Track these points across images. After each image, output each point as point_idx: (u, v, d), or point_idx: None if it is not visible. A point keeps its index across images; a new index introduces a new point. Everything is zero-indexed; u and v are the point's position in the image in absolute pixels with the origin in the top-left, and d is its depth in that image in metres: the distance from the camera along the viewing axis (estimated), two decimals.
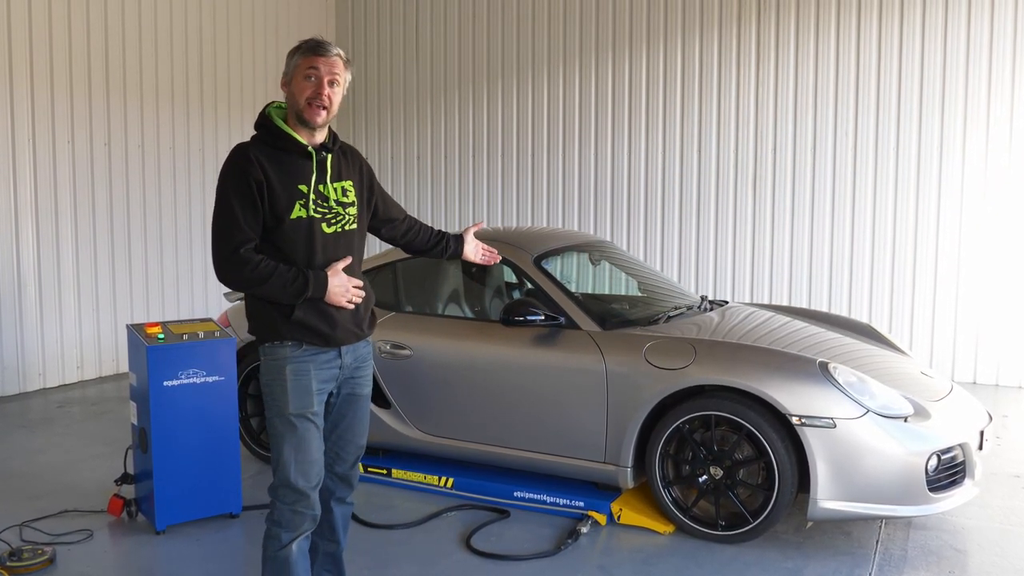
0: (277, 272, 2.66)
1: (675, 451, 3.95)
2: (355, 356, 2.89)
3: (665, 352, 3.99)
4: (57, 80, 6.96)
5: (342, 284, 2.76)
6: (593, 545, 3.89)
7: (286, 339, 2.73)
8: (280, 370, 2.74)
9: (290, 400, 2.73)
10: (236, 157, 2.71)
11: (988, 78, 6.87)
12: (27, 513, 4.25)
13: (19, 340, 6.81)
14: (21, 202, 6.77)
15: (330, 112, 2.74)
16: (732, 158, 7.87)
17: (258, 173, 2.66)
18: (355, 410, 2.95)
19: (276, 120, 2.76)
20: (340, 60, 2.75)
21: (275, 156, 2.72)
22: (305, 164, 2.75)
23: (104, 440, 5.55)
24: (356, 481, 3.04)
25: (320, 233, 2.75)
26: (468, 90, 9.16)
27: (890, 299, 7.32)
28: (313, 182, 2.75)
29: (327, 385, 2.82)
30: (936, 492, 3.70)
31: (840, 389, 3.68)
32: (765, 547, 3.82)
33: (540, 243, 4.76)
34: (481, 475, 4.53)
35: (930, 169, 7.12)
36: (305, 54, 2.72)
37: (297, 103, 2.72)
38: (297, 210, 2.71)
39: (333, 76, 2.72)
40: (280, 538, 2.76)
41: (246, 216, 2.65)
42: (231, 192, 2.67)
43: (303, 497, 2.75)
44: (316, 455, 2.78)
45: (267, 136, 2.76)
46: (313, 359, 2.76)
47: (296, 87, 2.72)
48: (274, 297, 2.70)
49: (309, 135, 2.77)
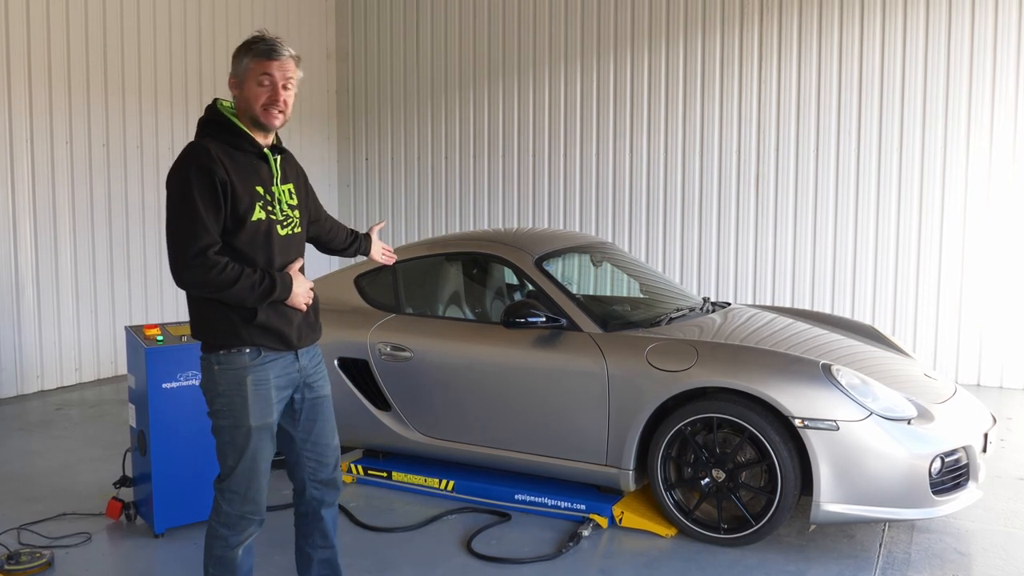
0: (244, 274, 2.61)
1: (677, 454, 3.94)
2: (310, 357, 2.88)
3: (667, 354, 3.97)
4: (55, 80, 6.94)
5: (303, 285, 2.77)
6: (594, 548, 3.87)
7: (246, 345, 2.68)
8: (240, 380, 2.68)
9: (251, 412, 2.68)
10: (197, 154, 2.61)
11: (992, 76, 6.85)
12: (25, 516, 4.23)
13: (17, 342, 6.78)
14: (19, 203, 6.75)
15: (286, 116, 2.71)
16: (734, 158, 7.85)
17: (222, 172, 2.59)
18: (322, 412, 2.91)
19: (232, 118, 2.70)
20: (292, 61, 2.70)
21: (231, 155, 2.66)
22: (261, 165, 2.72)
23: (102, 443, 5.53)
24: (341, 482, 3.01)
25: (276, 235, 2.73)
26: (468, 90, 9.14)
27: (893, 300, 7.30)
28: (270, 185, 2.73)
29: (285, 392, 2.79)
30: (940, 495, 3.69)
31: (843, 391, 3.66)
32: (768, 550, 3.80)
33: (541, 244, 4.74)
34: (482, 478, 4.50)
35: (934, 168, 7.10)
36: (257, 57, 2.65)
37: (252, 108, 2.66)
38: (258, 212, 2.67)
39: (287, 79, 2.68)
40: (227, 540, 2.76)
41: (211, 217, 2.58)
42: (194, 192, 2.57)
43: (251, 504, 2.74)
44: (267, 463, 2.77)
45: (221, 133, 2.69)
46: (272, 365, 2.73)
47: (250, 92, 2.66)
48: (240, 300, 2.63)
49: (262, 137, 2.73)
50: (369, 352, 4.61)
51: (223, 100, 2.76)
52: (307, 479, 2.90)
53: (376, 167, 9.80)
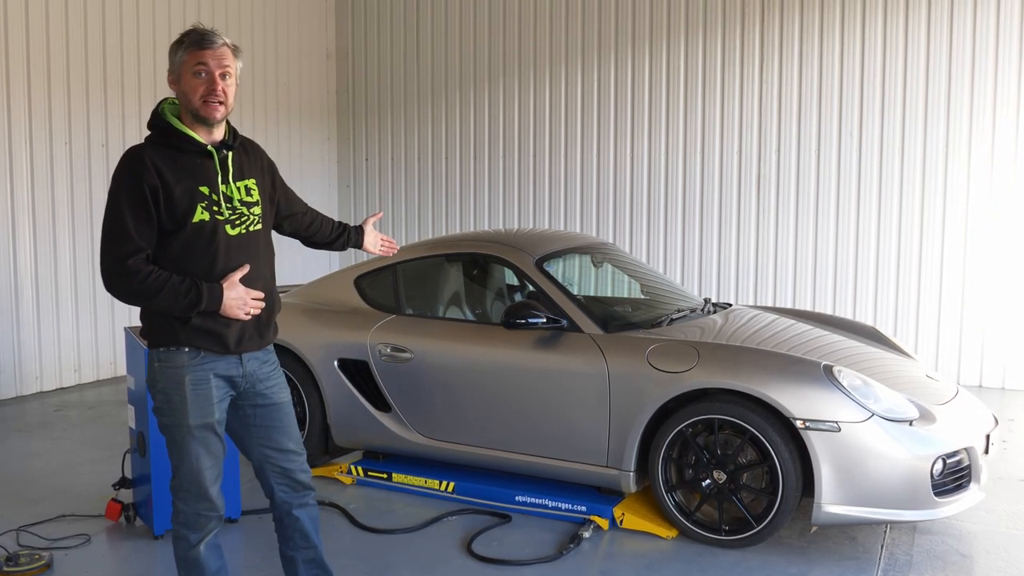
0: (169, 284, 2.56)
1: (678, 455, 3.93)
2: (260, 363, 2.80)
3: (668, 355, 3.96)
4: (54, 80, 6.93)
5: (239, 296, 2.65)
6: (595, 550, 3.86)
7: (184, 345, 2.65)
8: (179, 379, 2.65)
9: (190, 411, 2.65)
10: (129, 161, 2.59)
11: (994, 78, 6.83)
12: (24, 518, 4.22)
13: (16, 343, 6.77)
14: (18, 203, 6.74)
15: (227, 106, 2.65)
16: (735, 158, 7.84)
17: (152, 178, 2.55)
18: (278, 419, 2.84)
19: (170, 118, 2.65)
20: (228, 49, 2.65)
21: (172, 157, 2.61)
22: (206, 164, 2.66)
23: (102, 444, 5.51)
24: (311, 482, 2.95)
25: (224, 236, 2.66)
26: (469, 91, 9.13)
27: (895, 301, 7.29)
28: (216, 183, 2.65)
29: (228, 391, 2.75)
30: (941, 496, 3.67)
31: (845, 392, 3.65)
32: (769, 552, 3.79)
33: (542, 245, 4.73)
34: (482, 479, 4.49)
35: (935, 170, 7.09)
36: (190, 48, 2.61)
37: (191, 101, 2.61)
38: (199, 213, 2.61)
39: (224, 68, 2.63)
40: (188, 539, 2.76)
41: (138, 225, 2.54)
42: (123, 199, 2.55)
43: (205, 501, 2.73)
44: (215, 459, 2.74)
45: (162, 137, 2.65)
46: (213, 366, 2.68)
47: (187, 85, 2.61)
48: (166, 310, 2.60)
49: (207, 133, 2.67)
50: (369, 353, 4.60)
51: (171, 99, 2.72)
52: (274, 484, 2.87)
53: (376, 167, 9.79)
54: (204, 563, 2.77)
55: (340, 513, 4.28)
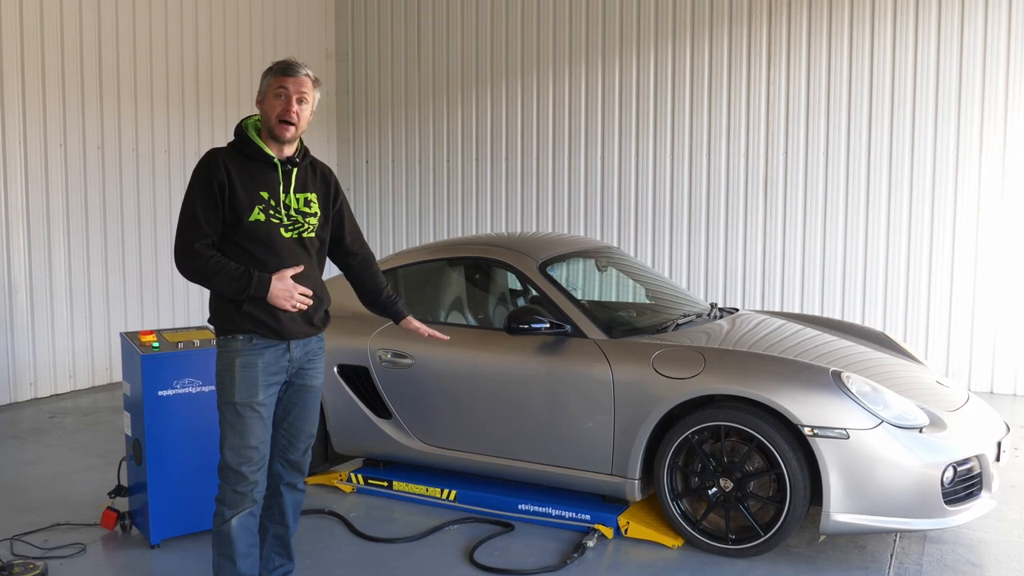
0: (226, 269, 2.93)
1: (684, 463, 3.88)
2: (306, 350, 3.13)
3: (674, 361, 3.91)
4: (49, 82, 6.87)
5: (286, 288, 2.99)
6: (600, 559, 3.82)
7: (238, 332, 3.00)
8: (231, 362, 3.00)
9: (237, 390, 2.99)
10: (206, 159, 3.01)
11: (1006, 79, 6.78)
12: (18, 527, 4.18)
13: (9, 349, 6.70)
14: (11, 207, 6.67)
15: (298, 128, 3.04)
16: (742, 161, 7.79)
17: (221, 176, 2.95)
18: (305, 400, 3.18)
19: (250, 132, 3.06)
20: (308, 79, 3.07)
21: (243, 163, 3.01)
22: (271, 174, 3.04)
23: (97, 451, 5.47)
24: (306, 468, 3.25)
25: (279, 236, 3.03)
26: (471, 92, 9.08)
27: (905, 306, 7.23)
28: (277, 191, 3.03)
29: (277, 377, 3.06)
30: (952, 505, 3.64)
31: (853, 399, 3.62)
32: (777, 561, 3.75)
33: (545, 249, 4.69)
34: (485, 487, 4.46)
35: (946, 173, 7.03)
36: (276, 74, 3.04)
37: (268, 119, 3.02)
38: (256, 213, 2.98)
39: (301, 94, 3.04)
40: (223, 514, 3.03)
41: (206, 214, 2.94)
42: (196, 191, 2.97)
43: (243, 479, 3.00)
44: (257, 442, 3.01)
45: (239, 145, 3.06)
46: (262, 353, 3.01)
47: (268, 105, 3.02)
48: (221, 291, 2.98)
49: (279, 149, 3.06)
50: (369, 359, 4.56)
51: (256, 116, 3.13)
52: (275, 454, 3.17)
53: (376, 170, 9.74)
54: (234, 539, 3.02)
55: (340, 522, 4.23)
